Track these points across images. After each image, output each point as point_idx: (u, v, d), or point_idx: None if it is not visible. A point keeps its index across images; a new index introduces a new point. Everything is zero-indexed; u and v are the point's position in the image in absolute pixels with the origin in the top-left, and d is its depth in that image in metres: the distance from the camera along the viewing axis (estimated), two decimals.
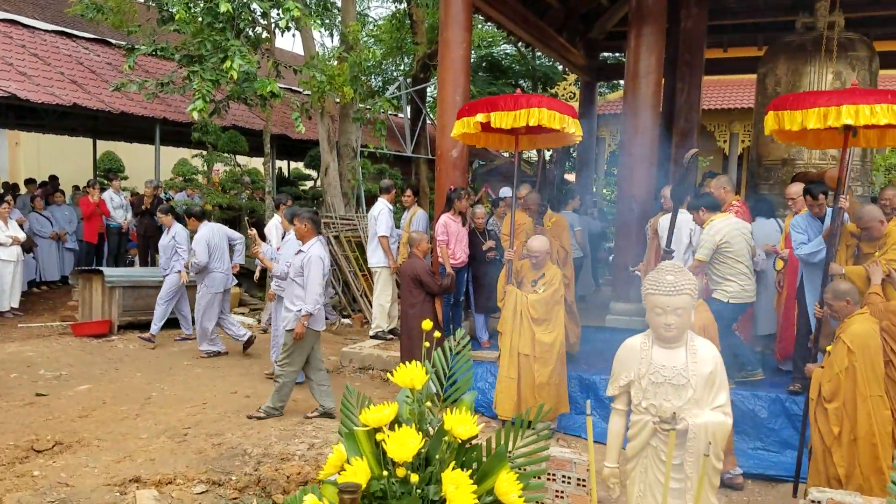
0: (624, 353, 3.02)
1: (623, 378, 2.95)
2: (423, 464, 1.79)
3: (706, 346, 2.89)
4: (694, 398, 2.76)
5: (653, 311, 2.86)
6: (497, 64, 19.40)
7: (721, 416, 2.76)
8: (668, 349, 2.88)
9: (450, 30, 7.40)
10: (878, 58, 8.29)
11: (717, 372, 2.82)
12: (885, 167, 13.93)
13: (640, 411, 2.85)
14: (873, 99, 4.55)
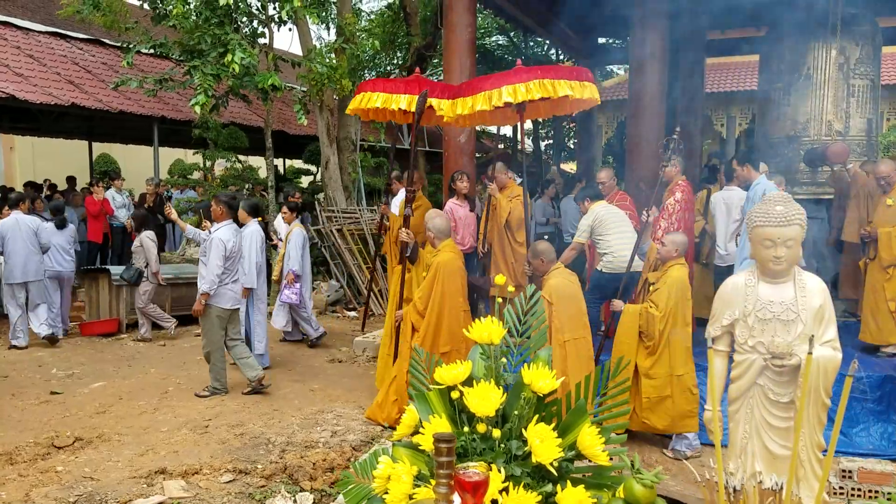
0: (727, 290, 2.95)
1: (727, 317, 2.88)
2: (501, 420, 1.77)
3: (814, 279, 2.84)
4: (804, 333, 2.70)
5: (762, 243, 2.78)
6: (490, 54, 19.34)
7: (831, 351, 2.70)
8: (775, 284, 2.82)
9: (454, 12, 7.36)
10: (881, 33, 8.30)
11: (825, 306, 2.77)
12: (884, 145, 13.98)
13: (745, 350, 2.78)
14: (526, 77, 5.07)
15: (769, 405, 2.73)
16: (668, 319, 5.27)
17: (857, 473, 4.70)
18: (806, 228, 2.79)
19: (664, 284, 5.32)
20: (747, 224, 2.87)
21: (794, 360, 2.69)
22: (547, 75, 5.13)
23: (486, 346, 1.82)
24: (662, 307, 5.25)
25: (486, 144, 26.36)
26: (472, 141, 7.79)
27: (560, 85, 5.16)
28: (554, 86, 5.06)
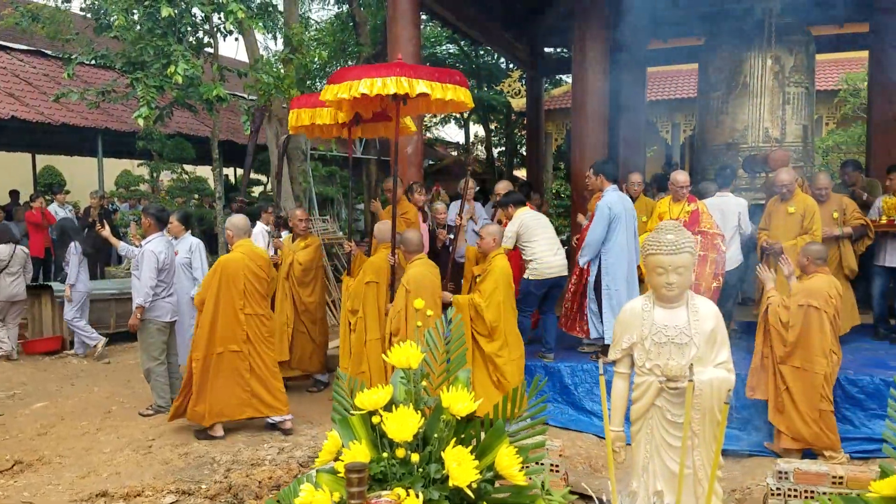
0: (625, 315, 3.04)
1: (625, 341, 2.97)
2: (422, 443, 1.79)
3: (706, 303, 2.93)
4: (697, 356, 2.79)
5: (654, 271, 2.87)
6: (441, 63, 19.42)
7: (724, 373, 2.80)
8: (669, 309, 2.91)
9: (398, 26, 7.38)
10: (814, 42, 8.60)
11: (718, 329, 2.87)
12: (823, 149, 14.42)
13: (643, 373, 2.87)
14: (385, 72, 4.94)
15: (667, 425, 2.81)
16: (501, 307, 5.58)
17: (793, 474, 4.83)
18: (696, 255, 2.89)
19: (490, 275, 5.62)
20: (641, 251, 2.98)
21: (687, 383, 2.76)
22: (406, 73, 4.96)
23: (406, 371, 1.85)
24: (488, 296, 5.55)
25: (440, 152, 26.49)
26: (419, 152, 7.83)
27: (417, 84, 4.99)
28: (410, 83, 4.93)
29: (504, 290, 5.69)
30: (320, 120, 6.21)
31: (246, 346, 5.73)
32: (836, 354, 5.27)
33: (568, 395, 6.35)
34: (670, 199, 6.64)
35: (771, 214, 6.51)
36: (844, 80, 14.46)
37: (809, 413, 5.23)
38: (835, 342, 5.27)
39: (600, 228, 6.15)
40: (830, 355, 5.19)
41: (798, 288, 5.32)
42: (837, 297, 5.25)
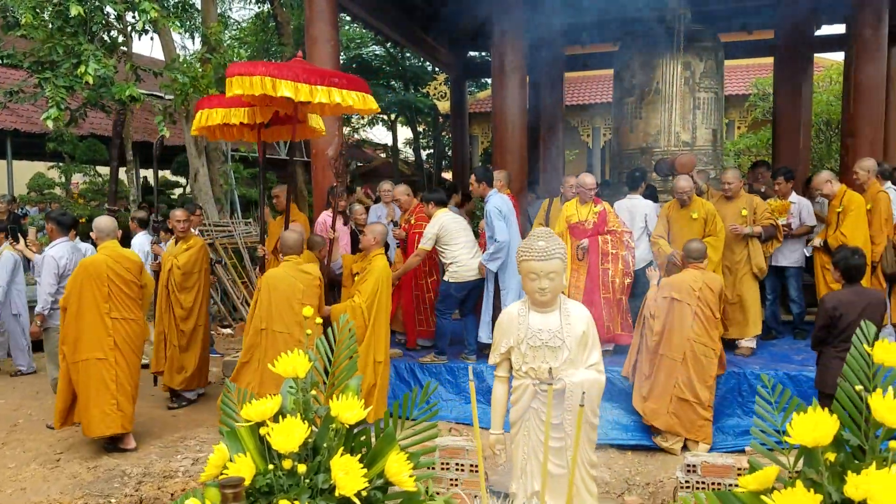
0: (503, 320, 3.11)
1: (503, 345, 3.03)
2: (312, 454, 1.77)
3: (578, 307, 3.02)
4: (569, 358, 2.87)
5: (527, 276, 2.94)
6: (367, 65, 19.34)
7: (595, 374, 2.90)
8: (543, 313, 2.99)
9: (315, 26, 7.33)
10: (723, 48, 8.93)
11: (589, 332, 2.96)
12: (735, 151, 15.00)
13: (520, 376, 2.95)
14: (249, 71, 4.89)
15: (544, 426, 2.87)
16: (373, 307, 5.62)
17: (701, 467, 5.01)
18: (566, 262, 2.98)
19: (370, 274, 5.66)
20: (517, 257, 3.06)
21: (559, 385, 2.86)
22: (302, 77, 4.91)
23: (295, 380, 1.83)
24: (368, 296, 5.59)
25: (368, 153, 26.36)
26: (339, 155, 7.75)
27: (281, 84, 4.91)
28: (274, 84, 4.85)
29: (384, 290, 5.70)
30: (235, 119, 6.07)
31: (112, 354, 5.44)
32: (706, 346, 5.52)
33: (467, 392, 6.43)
34: (577, 200, 6.78)
35: (671, 220, 6.72)
36: (755, 84, 15.08)
37: (667, 401, 5.55)
38: (706, 335, 5.52)
39: (502, 228, 6.27)
40: (692, 344, 5.45)
41: (664, 282, 5.67)
42: (707, 290, 5.50)
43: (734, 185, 6.63)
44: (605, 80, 17.85)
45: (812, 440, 1.49)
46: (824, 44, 11.74)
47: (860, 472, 1.40)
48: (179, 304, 6.64)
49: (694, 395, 5.49)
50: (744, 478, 1.59)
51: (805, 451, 1.56)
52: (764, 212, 6.48)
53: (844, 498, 1.43)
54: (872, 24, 7.33)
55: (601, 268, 6.61)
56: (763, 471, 1.57)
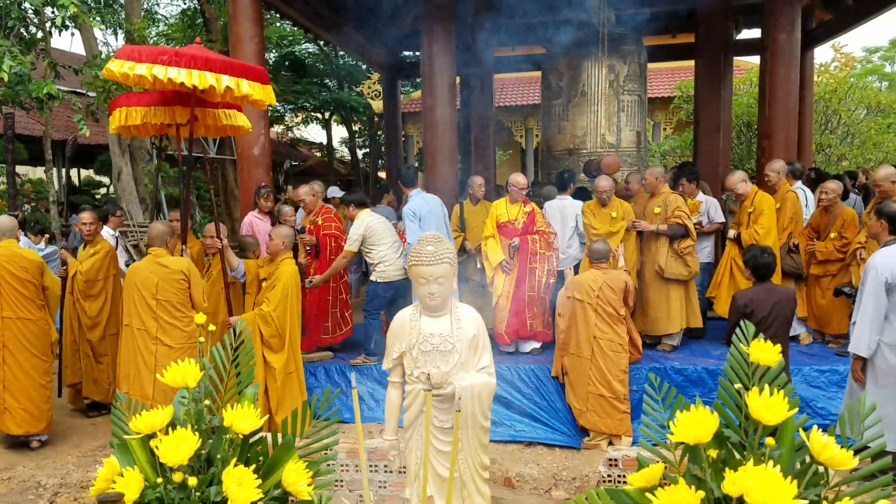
0: (395, 325, 3.10)
1: (395, 350, 3.03)
2: (206, 465, 1.73)
3: (469, 311, 3.04)
4: (460, 362, 2.89)
5: (417, 281, 2.95)
6: (300, 63, 19.08)
7: (485, 377, 2.94)
8: (434, 318, 3.00)
9: (239, 24, 7.18)
10: (646, 51, 9.14)
11: (479, 335, 2.98)
12: (661, 152, 15.40)
13: (412, 381, 2.95)
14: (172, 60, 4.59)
15: (435, 431, 2.92)
16: (285, 314, 5.46)
17: (622, 461, 5.12)
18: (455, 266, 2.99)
19: (278, 280, 5.46)
20: (407, 261, 3.06)
21: (449, 388, 2.88)
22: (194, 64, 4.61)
23: (187, 389, 1.78)
24: (277, 303, 5.40)
25: (303, 152, 26.03)
26: (266, 153, 7.64)
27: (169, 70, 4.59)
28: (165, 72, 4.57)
29: (294, 296, 5.53)
30: (157, 119, 5.89)
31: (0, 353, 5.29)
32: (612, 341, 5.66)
33: None
34: (507, 200, 6.85)
35: (594, 217, 6.90)
36: (679, 87, 15.50)
37: (585, 399, 5.70)
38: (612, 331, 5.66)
39: (413, 231, 6.33)
40: (596, 341, 5.61)
41: (568, 282, 5.85)
42: (606, 289, 5.64)
43: (650, 182, 6.79)
44: (538, 82, 18.09)
45: (693, 438, 1.53)
46: (743, 48, 12.16)
47: (738, 469, 1.45)
48: (85, 313, 6.33)
49: (609, 390, 5.62)
50: (631, 475, 1.63)
51: (689, 448, 1.61)
52: (675, 210, 6.53)
53: (725, 494, 1.47)
54: (786, 29, 7.61)
55: (529, 267, 6.69)
56: (649, 468, 1.61)
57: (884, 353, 4.63)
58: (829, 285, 6.49)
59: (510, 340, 6.75)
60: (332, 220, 6.86)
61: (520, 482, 5.59)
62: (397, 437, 3.09)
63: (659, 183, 6.75)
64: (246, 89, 4.80)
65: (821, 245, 6.48)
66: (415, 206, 6.44)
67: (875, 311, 4.59)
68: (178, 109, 5.81)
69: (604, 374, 5.62)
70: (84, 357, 6.38)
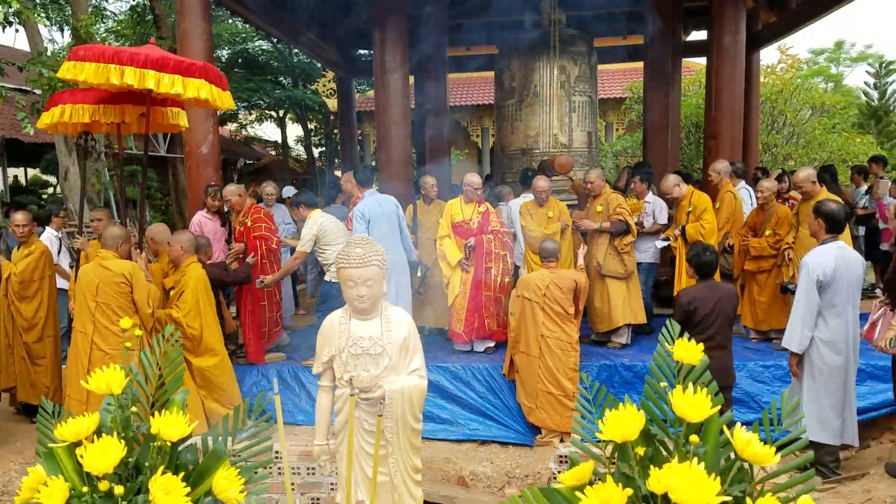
0: (325, 328, 3.07)
1: (325, 354, 3.00)
2: (134, 474, 1.70)
3: (399, 314, 3.03)
4: (390, 365, 2.88)
5: (346, 283, 2.92)
6: (254, 61, 18.84)
7: (416, 380, 2.93)
8: (364, 321, 2.97)
9: (187, 21, 7.05)
10: (596, 53, 9.25)
11: (410, 337, 2.97)
12: (613, 153, 15.60)
13: (342, 385, 2.93)
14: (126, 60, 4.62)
15: (366, 434, 2.91)
16: (201, 317, 5.45)
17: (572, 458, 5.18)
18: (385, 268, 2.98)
19: (186, 286, 5.44)
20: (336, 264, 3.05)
21: (378, 392, 2.87)
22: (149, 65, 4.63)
23: (113, 396, 1.75)
24: (189, 308, 5.39)
25: (258, 151, 25.72)
26: (215, 152, 7.51)
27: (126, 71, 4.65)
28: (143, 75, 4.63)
29: (205, 300, 5.49)
30: (106, 118, 5.76)
31: None
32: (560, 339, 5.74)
33: None
34: (462, 200, 6.86)
35: (532, 217, 7.01)
36: (630, 88, 15.72)
37: (535, 396, 5.76)
38: (560, 330, 5.74)
39: (360, 231, 6.27)
40: (543, 340, 5.70)
41: (519, 281, 5.94)
42: (554, 288, 5.73)
43: (596, 184, 6.88)
44: (493, 82, 18.18)
45: (621, 436, 1.55)
46: (691, 49, 12.39)
47: (663, 467, 1.47)
48: (21, 315, 6.16)
49: (558, 388, 5.69)
50: (562, 474, 1.65)
51: (618, 446, 1.63)
52: (616, 207, 6.66)
53: (651, 491, 1.50)
54: (731, 31, 7.77)
55: (485, 266, 6.73)
56: (580, 466, 1.63)
57: (819, 349, 4.78)
58: (764, 282, 6.66)
59: (468, 339, 6.78)
60: (263, 220, 6.70)
61: (473, 480, 5.62)
62: (327, 442, 3.07)
63: (602, 184, 6.89)
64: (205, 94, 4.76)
65: (755, 241, 6.65)
66: (365, 207, 6.40)
67: (806, 308, 4.74)
68: (128, 108, 5.71)
69: (552, 372, 5.68)
70: (19, 360, 6.20)
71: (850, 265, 4.74)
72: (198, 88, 4.76)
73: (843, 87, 25.31)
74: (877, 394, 5.81)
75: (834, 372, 4.76)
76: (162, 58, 4.78)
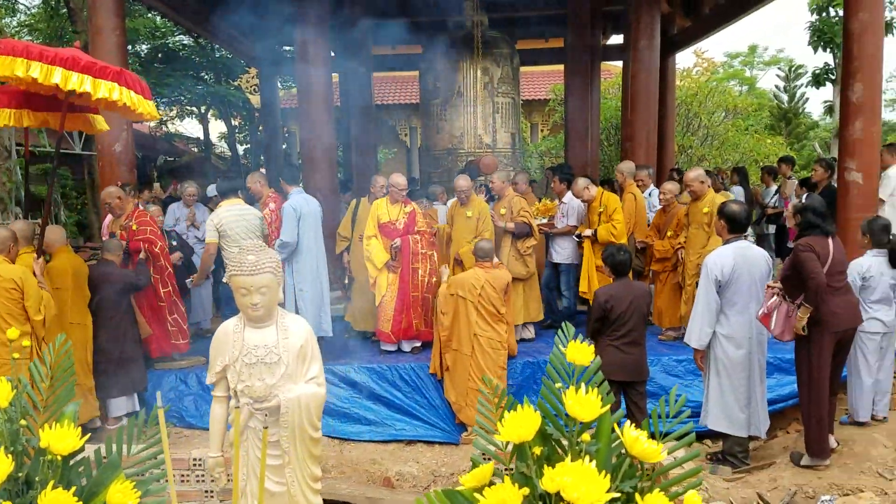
0: (218, 337, 3.00)
1: (219, 363, 2.93)
2: (24, 489, 1.64)
3: (296, 321, 2.98)
4: (287, 374, 2.83)
5: (238, 291, 2.86)
6: (174, 55, 18.28)
7: (314, 388, 2.88)
8: (259, 329, 2.92)
9: (99, 15, 6.81)
10: (519, 55, 9.38)
11: (308, 345, 2.92)
12: (539, 153, 15.84)
13: (236, 395, 2.88)
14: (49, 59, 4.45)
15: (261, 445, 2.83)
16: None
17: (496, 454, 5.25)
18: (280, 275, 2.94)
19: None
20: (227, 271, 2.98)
21: (274, 401, 2.84)
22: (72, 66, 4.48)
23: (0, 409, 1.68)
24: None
25: (180, 148, 25.00)
26: (129, 150, 7.27)
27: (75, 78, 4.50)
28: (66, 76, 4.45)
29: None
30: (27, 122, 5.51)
31: None
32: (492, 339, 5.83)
33: None
34: (387, 200, 6.86)
35: (454, 217, 7.10)
36: (553, 90, 15.98)
37: (465, 394, 5.84)
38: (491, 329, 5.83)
39: (291, 229, 6.21)
40: (476, 338, 5.78)
41: (452, 280, 5.98)
42: (488, 287, 5.83)
43: (497, 186, 7.05)
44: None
45: (517, 436, 1.59)
46: (610, 53, 12.69)
47: (556, 466, 1.51)
48: None
49: (486, 386, 5.74)
50: (463, 476, 1.67)
51: (516, 446, 1.66)
52: (520, 210, 6.86)
53: (546, 491, 1.53)
54: (646, 35, 8.00)
55: (412, 267, 6.75)
56: (480, 468, 1.66)
57: (722, 344, 4.99)
58: (665, 280, 6.89)
59: (395, 340, 6.79)
60: (148, 223, 6.42)
61: (399, 481, 5.62)
62: (222, 454, 3.00)
63: (505, 186, 7.04)
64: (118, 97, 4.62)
65: (658, 244, 6.91)
66: (296, 203, 6.32)
67: (705, 306, 4.94)
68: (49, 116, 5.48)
69: (483, 370, 5.75)
70: None
71: (753, 263, 4.95)
72: (109, 90, 4.60)
73: (757, 90, 26.44)
74: (784, 385, 6.08)
75: (737, 366, 4.97)
76: (73, 56, 4.60)
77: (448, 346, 5.95)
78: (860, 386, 5.40)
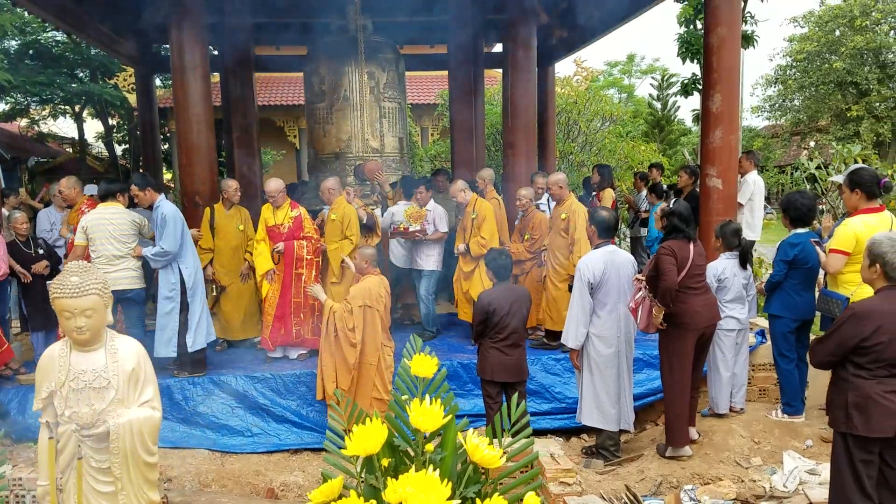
0: (43, 362, 2.89)
1: (45, 389, 2.82)
2: None
3: (128, 344, 2.91)
4: (118, 398, 2.76)
5: (62, 315, 2.75)
6: (46, 52, 17.25)
7: (148, 411, 2.82)
8: (86, 353, 2.83)
9: None
10: (403, 60, 9.43)
11: (140, 368, 2.85)
12: (429, 157, 15.97)
13: (64, 421, 2.78)
14: None
15: (95, 472, 2.81)
16: None
17: None
18: (107, 296, 2.86)
19: None
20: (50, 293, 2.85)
21: (102, 428, 2.78)
22: None
23: None
24: None
25: (54, 148, 23.59)
26: None
27: None
28: None
29: None
30: None
31: None
32: (387, 346, 5.89)
33: (178, 410, 6.13)
34: (270, 205, 6.79)
35: (325, 222, 7.16)
36: (440, 95, 16.17)
37: (367, 403, 5.82)
38: (385, 334, 5.89)
39: (175, 236, 5.99)
40: (383, 348, 5.82)
41: (355, 290, 5.79)
42: (386, 295, 5.87)
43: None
44: None
45: (364, 450, 1.63)
46: (492, 61, 12.96)
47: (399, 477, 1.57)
48: None
49: (389, 395, 5.75)
50: (312, 492, 1.70)
51: (366, 459, 1.71)
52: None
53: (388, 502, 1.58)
54: (523, 45, 8.23)
55: (295, 272, 6.68)
56: (328, 483, 1.69)
57: (594, 343, 5.24)
58: (522, 281, 7.10)
59: (274, 347, 6.69)
60: None
61: (284, 491, 5.55)
62: (48, 483, 2.88)
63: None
64: None
65: (513, 247, 7.16)
66: (172, 209, 6.08)
67: (579, 307, 5.19)
68: None
69: (385, 381, 5.76)
70: None
71: (620, 266, 5.23)
72: None
73: (636, 98, 27.69)
74: (653, 380, 6.40)
75: (608, 363, 5.23)
76: None
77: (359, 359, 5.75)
78: (719, 380, 5.79)
